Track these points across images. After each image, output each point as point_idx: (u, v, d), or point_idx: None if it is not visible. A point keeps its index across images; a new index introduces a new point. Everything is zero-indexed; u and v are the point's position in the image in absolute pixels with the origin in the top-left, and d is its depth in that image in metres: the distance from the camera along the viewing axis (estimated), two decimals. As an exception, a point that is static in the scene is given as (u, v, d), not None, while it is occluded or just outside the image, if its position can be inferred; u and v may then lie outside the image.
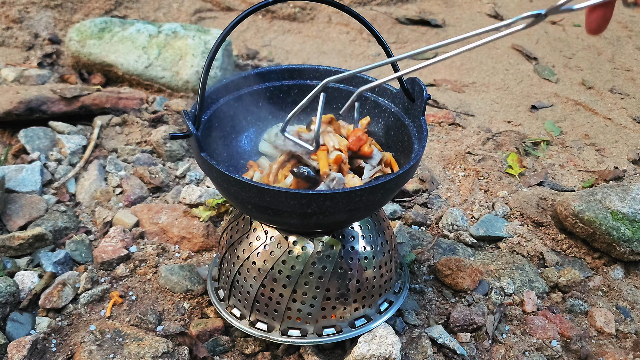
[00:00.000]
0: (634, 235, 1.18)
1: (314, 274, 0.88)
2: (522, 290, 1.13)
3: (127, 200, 1.30)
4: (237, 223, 0.97)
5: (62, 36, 2.00)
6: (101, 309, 1.04)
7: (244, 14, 0.78)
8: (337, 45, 2.25)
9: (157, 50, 1.74)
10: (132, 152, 1.45)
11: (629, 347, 1.05)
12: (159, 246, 1.18)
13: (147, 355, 0.91)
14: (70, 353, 0.95)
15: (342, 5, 0.87)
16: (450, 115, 1.75)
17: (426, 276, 1.15)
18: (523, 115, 1.82)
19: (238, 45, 2.16)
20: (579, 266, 1.23)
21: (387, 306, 0.97)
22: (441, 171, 1.51)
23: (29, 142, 1.41)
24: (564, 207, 1.27)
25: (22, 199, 1.23)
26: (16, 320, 0.99)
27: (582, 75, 2.10)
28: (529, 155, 1.60)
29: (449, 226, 1.29)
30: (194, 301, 1.06)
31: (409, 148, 0.91)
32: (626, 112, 1.88)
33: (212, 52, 0.79)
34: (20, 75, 1.73)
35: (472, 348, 1.00)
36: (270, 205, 0.76)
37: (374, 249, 0.93)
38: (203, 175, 1.41)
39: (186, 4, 2.35)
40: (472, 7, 2.64)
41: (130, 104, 1.61)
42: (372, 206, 0.82)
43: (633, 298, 1.16)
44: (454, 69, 2.10)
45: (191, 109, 0.85)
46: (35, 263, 1.12)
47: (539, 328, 1.05)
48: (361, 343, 0.91)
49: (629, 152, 1.64)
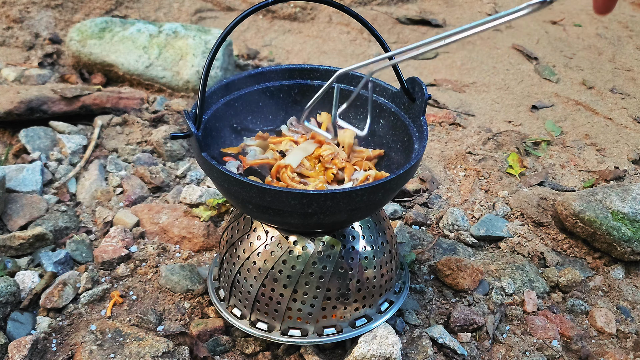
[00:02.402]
0: (635, 235, 1.18)
1: (315, 274, 0.88)
2: (522, 290, 1.13)
3: (127, 200, 1.30)
4: (237, 223, 0.97)
5: (62, 36, 2.00)
6: (102, 308, 1.04)
7: (244, 13, 0.78)
8: (338, 45, 2.25)
9: (158, 50, 1.74)
10: (132, 152, 1.45)
11: (629, 347, 1.05)
12: (159, 246, 1.19)
13: (148, 355, 0.91)
14: (70, 353, 0.95)
15: (341, 6, 0.87)
16: (450, 115, 1.74)
17: (427, 276, 1.15)
18: (524, 115, 1.81)
19: (239, 45, 2.16)
20: (580, 266, 1.23)
21: (387, 306, 0.97)
22: (442, 171, 1.51)
23: (30, 141, 1.41)
24: (564, 207, 1.27)
25: (23, 198, 1.23)
26: (17, 320, 0.99)
27: (582, 75, 2.10)
28: (529, 155, 1.60)
29: (450, 226, 1.29)
30: (195, 301, 1.06)
31: (409, 148, 0.91)
32: (627, 112, 1.88)
33: (212, 51, 0.79)
34: (20, 75, 1.73)
35: (473, 348, 1.00)
36: (271, 205, 0.76)
37: (374, 248, 0.93)
38: (203, 175, 1.41)
39: (187, 4, 2.35)
40: (472, 7, 2.64)
41: (131, 104, 1.61)
42: (372, 206, 0.83)
43: (633, 298, 1.16)
44: (454, 69, 2.10)
45: (192, 108, 0.85)
46: (35, 263, 1.12)
47: (539, 328, 1.05)
48: (362, 343, 0.91)
49: (630, 152, 1.64)
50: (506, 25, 2.48)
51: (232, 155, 0.96)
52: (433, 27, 2.43)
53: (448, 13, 2.57)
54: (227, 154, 0.96)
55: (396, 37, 2.34)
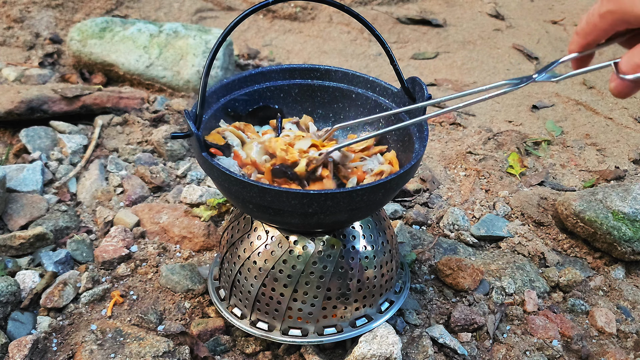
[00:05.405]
0: (635, 235, 1.18)
1: (315, 274, 0.88)
2: (523, 290, 1.13)
3: (128, 200, 1.30)
4: (238, 222, 0.97)
5: (63, 36, 2.00)
6: (102, 308, 1.04)
7: (244, 13, 0.79)
8: (338, 45, 2.25)
9: (158, 49, 1.74)
10: (133, 152, 1.45)
11: (629, 347, 1.05)
12: (159, 246, 1.19)
13: (148, 354, 0.92)
14: (71, 352, 0.95)
15: (342, 5, 0.87)
16: (451, 115, 1.74)
17: (427, 276, 1.15)
18: (524, 115, 1.81)
19: (239, 44, 2.16)
20: (580, 266, 1.23)
21: (387, 306, 0.98)
22: (442, 171, 1.51)
23: (30, 141, 1.41)
24: (564, 206, 1.26)
25: (23, 198, 1.24)
26: (17, 319, 0.99)
27: (582, 75, 2.10)
28: (529, 155, 1.60)
29: (450, 226, 1.29)
30: (195, 301, 1.07)
31: (409, 148, 0.91)
32: (627, 111, 1.88)
33: (213, 51, 0.79)
34: (21, 75, 1.73)
35: (473, 348, 1.00)
36: (272, 204, 0.76)
37: (374, 248, 0.93)
38: (204, 174, 1.41)
39: (187, 4, 2.35)
40: (473, 7, 2.63)
41: (131, 104, 1.61)
42: (373, 206, 0.83)
43: (634, 298, 1.16)
44: (454, 69, 2.10)
45: (192, 108, 0.85)
46: (36, 262, 1.12)
47: (539, 328, 1.05)
48: (362, 343, 0.91)
49: (630, 152, 1.64)
50: (506, 24, 2.48)
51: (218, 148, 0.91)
52: (433, 27, 2.43)
53: (448, 13, 2.57)
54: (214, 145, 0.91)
55: (396, 37, 2.34)
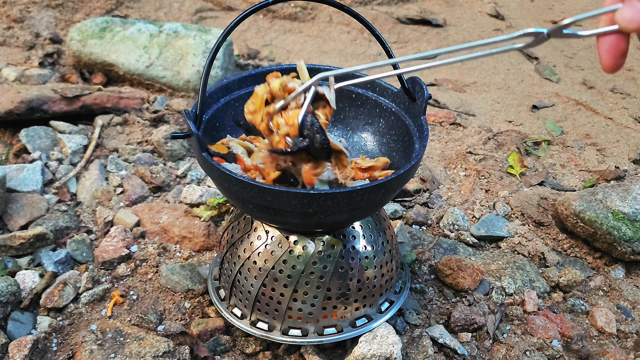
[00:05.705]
0: (635, 235, 1.18)
1: (315, 274, 0.88)
2: (523, 290, 1.13)
3: (128, 200, 1.30)
4: (238, 223, 0.97)
5: (63, 36, 2.00)
6: (102, 308, 1.04)
7: (244, 13, 0.78)
8: (338, 45, 2.25)
9: (158, 49, 1.74)
10: (133, 152, 1.45)
11: (629, 347, 1.05)
12: (159, 246, 1.19)
13: (148, 354, 0.92)
14: (71, 352, 0.95)
15: (342, 5, 0.87)
16: (451, 115, 1.74)
17: (427, 276, 1.15)
18: (524, 115, 1.81)
19: (239, 45, 2.16)
20: (580, 266, 1.23)
21: (388, 306, 0.98)
22: (442, 171, 1.51)
23: (30, 141, 1.41)
24: (565, 206, 1.26)
25: (23, 198, 1.24)
26: (17, 319, 0.99)
27: (583, 75, 2.10)
28: (529, 155, 1.60)
29: (450, 226, 1.29)
30: (195, 301, 1.07)
31: (409, 148, 0.91)
32: (627, 111, 1.88)
33: (213, 51, 0.79)
34: (21, 75, 1.73)
35: (473, 348, 1.00)
36: (272, 204, 0.76)
37: (374, 248, 0.93)
38: (204, 174, 1.41)
39: (187, 4, 2.35)
40: (473, 7, 2.63)
41: (131, 104, 1.61)
42: (373, 206, 0.83)
43: (634, 298, 1.16)
44: (454, 69, 2.10)
45: (192, 108, 0.85)
46: (36, 262, 1.12)
47: (539, 328, 1.05)
48: (362, 343, 0.91)
49: (630, 152, 1.64)
50: (506, 24, 2.48)
51: (221, 156, 0.91)
52: (433, 27, 2.43)
53: (449, 13, 2.57)
54: (217, 154, 0.92)
55: (396, 37, 2.34)
